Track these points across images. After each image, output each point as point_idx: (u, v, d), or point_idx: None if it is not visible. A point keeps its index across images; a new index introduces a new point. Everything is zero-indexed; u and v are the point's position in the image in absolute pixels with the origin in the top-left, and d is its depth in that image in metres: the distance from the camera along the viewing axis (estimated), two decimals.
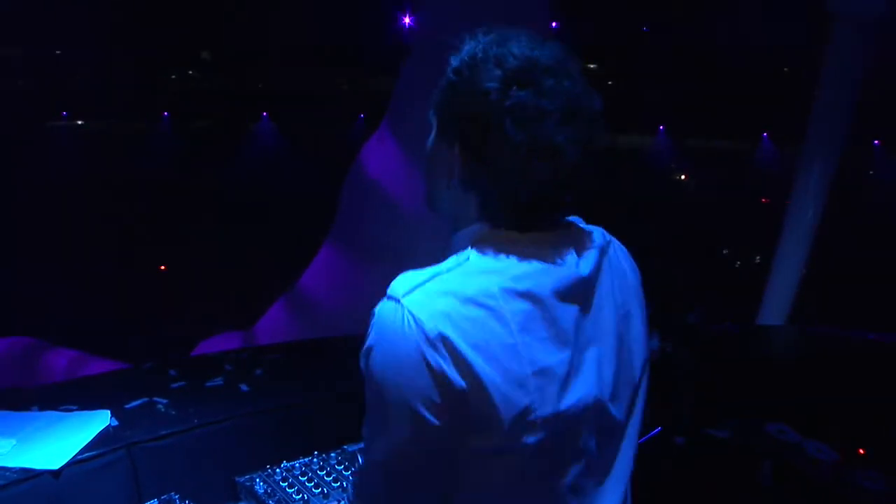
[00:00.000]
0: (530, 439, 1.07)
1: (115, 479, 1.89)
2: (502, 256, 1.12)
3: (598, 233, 1.25)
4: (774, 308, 5.95)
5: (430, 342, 1.04)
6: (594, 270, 1.18)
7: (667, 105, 12.75)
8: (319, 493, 1.73)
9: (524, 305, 1.08)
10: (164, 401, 2.16)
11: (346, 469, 1.86)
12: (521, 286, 1.09)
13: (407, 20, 8.34)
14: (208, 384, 2.29)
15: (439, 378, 1.04)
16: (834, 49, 5.63)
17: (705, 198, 13.55)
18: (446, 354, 1.04)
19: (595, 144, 1.14)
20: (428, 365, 1.04)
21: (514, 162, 1.08)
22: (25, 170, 11.43)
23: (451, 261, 1.13)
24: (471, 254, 1.13)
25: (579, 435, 1.14)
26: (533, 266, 1.11)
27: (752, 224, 9.66)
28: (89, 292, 8.73)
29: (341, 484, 1.77)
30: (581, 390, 1.12)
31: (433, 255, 1.18)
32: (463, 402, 1.04)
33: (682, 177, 15.63)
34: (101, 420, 2.04)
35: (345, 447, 1.96)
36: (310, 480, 1.78)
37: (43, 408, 2.10)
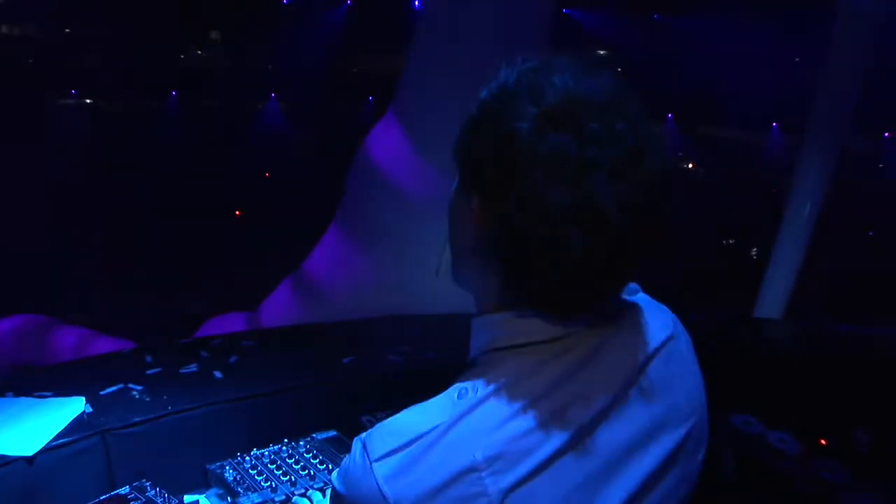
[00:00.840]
0: None
1: (89, 466, 1.93)
2: (519, 392, 0.86)
3: (660, 320, 1.00)
4: (771, 301, 5.96)
5: None
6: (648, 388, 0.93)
7: (676, 93, 12.63)
8: (287, 480, 1.77)
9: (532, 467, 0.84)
10: (139, 387, 2.19)
11: (314, 457, 1.90)
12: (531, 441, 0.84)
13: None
14: (183, 371, 2.32)
15: None
16: (836, 41, 5.62)
17: (712, 187, 13.31)
18: None
19: (661, 207, 0.88)
20: None
21: (544, 227, 0.83)
22: (37, 147, 11.44)
23: (447, 402, 0.88)
24: (479, 387, 0.88)
25: None
26: (561, 397, 0.87)
27: (758, 214, 9.61)
28: (98, 270, 8.74)
29: (309, 472, 1.81)
30: None
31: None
32: None
33: (690, 165, 15.31)
34: (75, 406, 2.07)
35: (314, 435, 2.00)
36: (278, 468, 1.82)
37: (18, 394, 2.13)
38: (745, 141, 14.95)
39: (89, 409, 2.07)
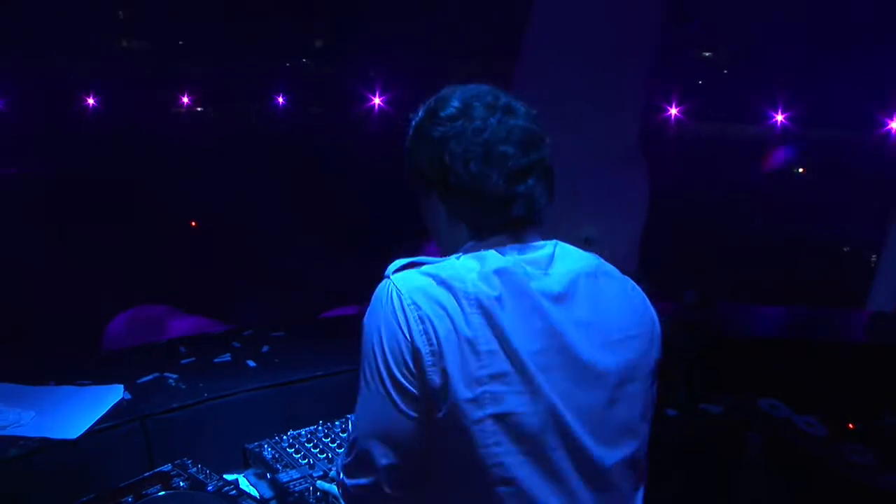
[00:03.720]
0: (479, 414, 1.17)
1: (130, 449, 1.98)
2: (483, 254, 1.26)
3: (587, 259, 1.33)
4: (883, 295, 5.85)
5: (404, 309, 1.20)
6: (567, 289, 1.26)
7: (784, 94, 12.33)
8: (324, 458, 1.81)
9: (492, 292, 1.20)
10: (175, 376, 2.24)
11: None
12: (493, 275, 1.22)
13: None
14: (217, 360, 2.38)
15: (409, 340, 1.19)
16: None
17: (824, 191, 12.58)
18: (415, 322, 1.19)
19: (536, 146, 1.30)
20: (401, 330, 1.20)
21: (469, 169, 1.26)
22: (154, 149, 11.85)
23: (430, 259, 1.29)
24: (458, 255, 1.28)
25: (542, 436, 1.20)
26: (508, 261, 1.24)
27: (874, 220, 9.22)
28: (217, 262, 8.90)
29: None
30: (534, 392, 1.20)
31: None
32: (424, 369, 1.18)
33: (800, 169, 14.56)
34: (114, 394, 2.13)
35: (349, 416, 2.03)
36: (315, 447, 1.86)
37: (59, 382, 2.19)
38: (858, 142, 13.57)
39: (128, 396, 2.12)
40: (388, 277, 1.26)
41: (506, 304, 1.20)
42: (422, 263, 1.27)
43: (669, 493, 1.36)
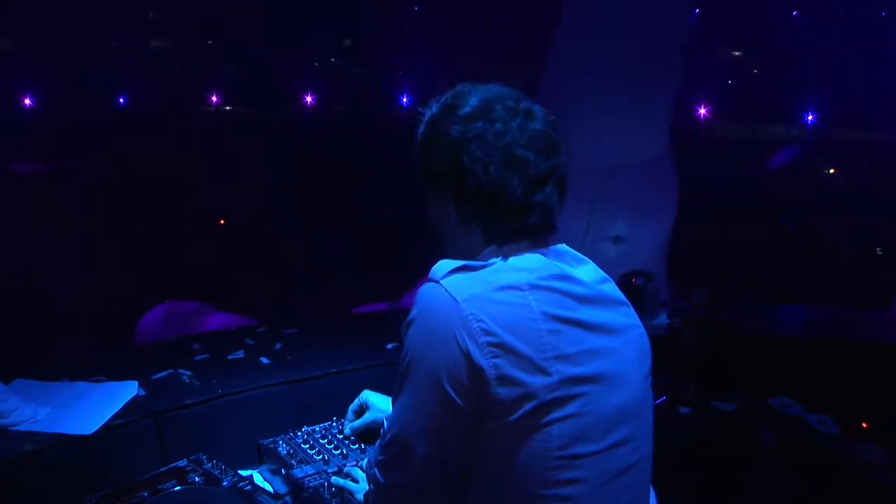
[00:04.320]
0: (546, 419, 1.16)
1: (145, 444, 2.00)
2: (526, 259, 1.25)
3: (591, 263, 1.35)
4: None
5: (464, 322, 1.15)
6: (594, 293, 1.27)
7: (816, 93, 12.13)
8: (339, 454, 1.82)
9: (550, 298, 1.20)
10: (188, 372, 2.26)
11: None
12: (546, 283, 1.21)
13: None
14: (230, 357, 2.39)
15: (466, 358, 1.14)
16: None
17: (857, 193, 12.04)
18: (477, 335, 1.14)
19: (555, 152, 1.29)
20: (458, 344, 1.15)
21: (489, 176, 1.23)
22: (191, 150, 12.06)
23: (478, 263, 1.25)
24: (496, 261, 1.25)
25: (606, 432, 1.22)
26: (551, 267, 1.25)
27: None
28: (246, 260, 8.97)
29: (359, 446, 1.86)
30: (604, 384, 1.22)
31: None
32: (485, 383, 1.14)
33: (832, 170, 14.00)
34: (129, 390, 2.14)
35: None
36: (329, 443, 1.87)
37: (74, 379, 2.20)
38: (890, 141, 13.18)
39: (142, 393, 2.13)
40: (438, 282, 1.21)
41: (568, 307, 1.21)
42: (472, 268, 1.23)
43: (683, 491, 1.36)
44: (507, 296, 1.17)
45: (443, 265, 1.24)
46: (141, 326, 5.01)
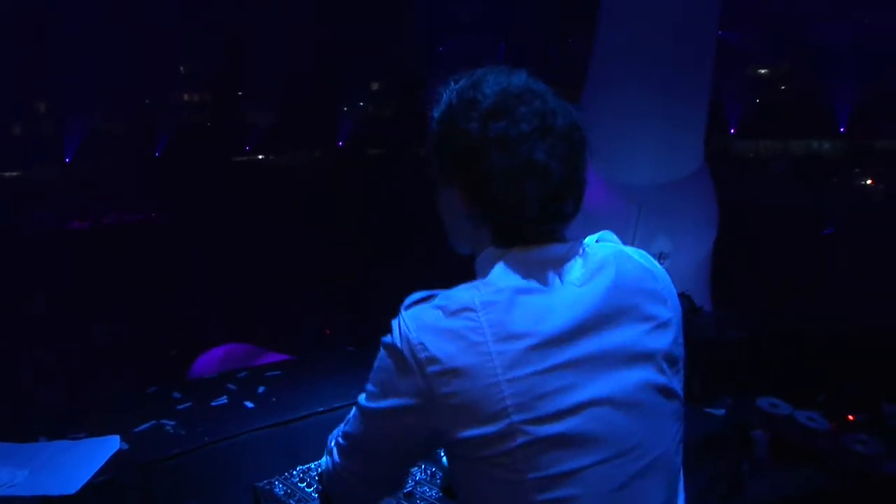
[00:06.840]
0: (510, 445, 1.12)
1: (131, 499, 1.92)
2: (508, 274, 1.19)
3: (603, 250, 1.27)
4: None
5: (413, 349, 1.15)
6: (592, 286, 1.21)
7: (850, 105, 12.11)
8: None
9: (506, 317, 1.15)
10: (172, 422, 2.18)
11: None
12: (515, 298, 1.17)
13: None
14: (214, 403, 2.32)
15: (417, 383, 1.15)
16: None
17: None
18: (423, 362, 1.14)
19: (581, 157, 1.23)
20: (409, 369, 1.16)
21: (508, 186, 1.17)
22: (224, 199, 12.29)
23: (440, 292, 1.21)
24: (477, 281, 1.22)
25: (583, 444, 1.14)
26: (531, 283, 1.19)
27: None
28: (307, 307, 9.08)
29: None
30: (575, 397, 1.14)
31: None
32: (434, 405, 1.14)
33: (869, 181, 14.04)
34: (111, 445, 2.06)
35: None
36: None
37: (50, 438, 2.12)
38: None
39: (125, 447, 2.06)
40: (401, 313, 1.20)
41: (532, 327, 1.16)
42: (435, 296, 1.20)
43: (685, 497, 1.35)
44: (456, 322, 1.15)
45: (411, 297, 1.22)
46: (198, 364, 4.96)
